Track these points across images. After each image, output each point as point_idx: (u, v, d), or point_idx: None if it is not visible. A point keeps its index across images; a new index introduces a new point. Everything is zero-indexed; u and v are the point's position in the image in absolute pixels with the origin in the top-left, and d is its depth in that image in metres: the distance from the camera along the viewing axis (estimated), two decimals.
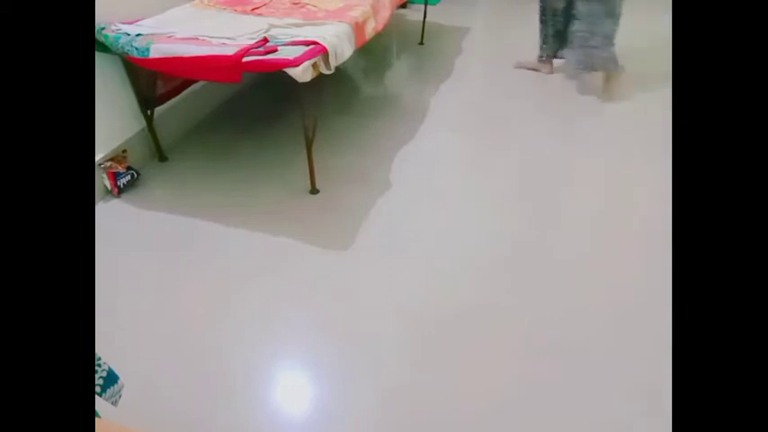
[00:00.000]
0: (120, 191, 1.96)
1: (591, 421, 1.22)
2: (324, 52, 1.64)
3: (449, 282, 1.59)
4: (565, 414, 1.24)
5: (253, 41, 1.68)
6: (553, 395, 1.27)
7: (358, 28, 1.91)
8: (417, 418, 1.24)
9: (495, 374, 1.33)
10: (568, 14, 2.47)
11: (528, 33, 3.32)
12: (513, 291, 1.55)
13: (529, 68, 2.85)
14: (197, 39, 1.70)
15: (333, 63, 1.69)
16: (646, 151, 2.12)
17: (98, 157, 1.91)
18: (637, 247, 1.69)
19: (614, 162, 2.08)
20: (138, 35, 1.71)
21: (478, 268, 1.63)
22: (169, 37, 1.71)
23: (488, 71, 2.85)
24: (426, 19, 3.39)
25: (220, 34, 1.75)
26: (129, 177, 1.97)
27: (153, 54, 1.64)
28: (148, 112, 2.03)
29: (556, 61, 2.77)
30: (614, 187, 1.96)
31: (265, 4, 2.11)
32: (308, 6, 2.06)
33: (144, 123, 2.06)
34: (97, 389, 0.88)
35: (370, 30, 2.02)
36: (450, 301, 1.52)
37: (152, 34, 1.71)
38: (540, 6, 2.61)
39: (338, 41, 1.72)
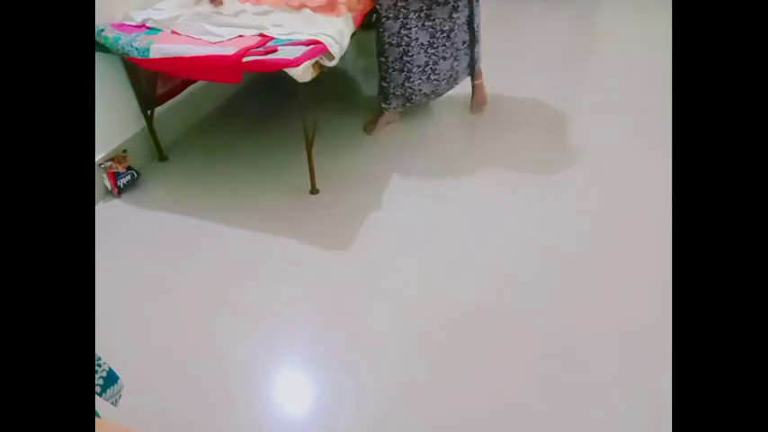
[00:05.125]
0: (120, 191, 1.96)
1: (593, 424, 1.22)
2: (325, 51, 1.64)
3: (450, 282, 1.59)
4: (568, 417, 1.24)
5: (252, 34, 1.69)
6: (555, 398, 1.27)
7: (356, 13, 1.90)
8: (418, 419, 1.24)
9: (497, 376, 1.33)
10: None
11: (528, 33, 3.32)
12: (514, 291, 1.55)
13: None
14: (194, 38, 1.70)
15: (337, 56, 1.70)
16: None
17: (98, 157, 1.91)
18: (640, 245, 1.69)
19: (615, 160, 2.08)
20: (138, 34, 1.71)
21: (479, 269, 1.63)
22: (173, 32, 1.72)
23: (488, 70, 2.84)
24: None
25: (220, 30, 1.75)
26: (129, 177, 1.96)
27: (153, 54, 1.64)
28: (148, 112, 2.03)
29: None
30: (617, 185, 1.96)
31: None
32: None
33: (144, 123, 2.06)
34: (97, 389, 0.88)
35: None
36: (451, 302, 1.52)
37: (153, 35, 1.71)
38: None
39: (340, 37, 1.72)
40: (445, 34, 2.06)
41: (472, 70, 2.28)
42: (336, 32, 1.71)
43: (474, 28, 2.15)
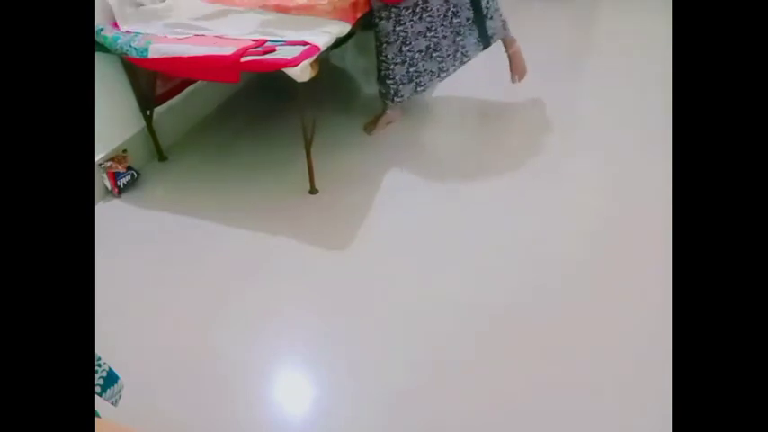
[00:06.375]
0: (120, 191, 1.96)
1: (594, 425, 1.22)
2: (318, 51, 1.63)
3: (450, 282, 1.59)
4: (569, 418, 1.24)
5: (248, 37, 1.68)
6: (555, 398, 1.27)
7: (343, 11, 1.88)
8: (419, 419, 1.24)
9: (498, 376, 1.33)
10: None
11: (528, 33, 3.32)
12: (515, 291, 1.55)
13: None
14: (193, 37, 1.70)
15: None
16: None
17: (98, 157, 1.91)
18: (641, 244, 1.69)
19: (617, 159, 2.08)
20: (137, 34, 1.71)
21: (480, 269, 1.63)
22: (166, 36, 1.71)
23: (488, 69, 2.84)
24: None
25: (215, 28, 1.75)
26: (129, 177, 1.97)
27: (151, 54, 1.64)
28: (148, 112, 2.03)
29: None
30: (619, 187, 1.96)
31: None
32: None
33: (144, 123, 2.06)
34: (97, 389, 0.88)
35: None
36: (451, 302, 1.52)
37: (150, 34, 1.71)
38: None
39: (329, 38, 1.71)
40: (442, 16, 2.06)
41: (485, 44, 2.25)
42: (326, 35, 1.70)
43: (480, 4, 2.11)
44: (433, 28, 2.06)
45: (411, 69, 2.10)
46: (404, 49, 2.04)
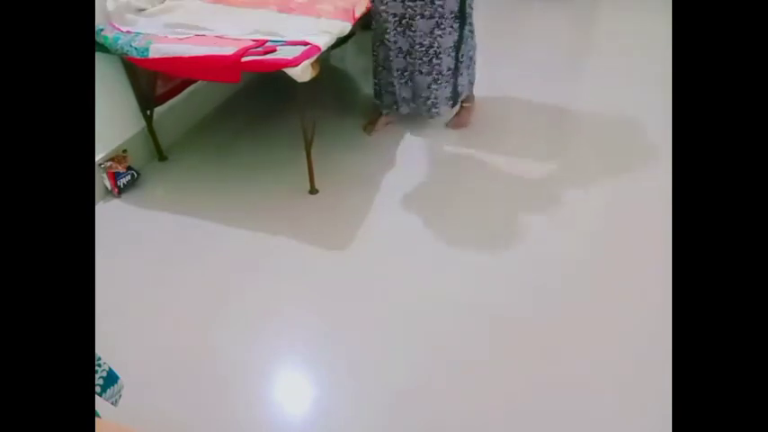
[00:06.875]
0: (120, 191, 1.96)
1: (594, 426, 1.22)
2: (318, 51, 1.63)
3: (451, 283, 1.59)
4: (569, 419, 1.24)
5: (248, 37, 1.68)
6: (555, 399, 1.27)
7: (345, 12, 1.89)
8: (418, 419, 1.24)
9: (498, 376, 1.33)
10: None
11: (528, 33, 3.32)
12: (515, 292, 1.55)
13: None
14: (193, 37, 1.70)
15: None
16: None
17: (98, 157, 1.91)
18: (641, 246, 1.69)
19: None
20: (137, 34, 1.71)
21: (480, 270, 1.63)
22: (166, 36, 1.71)
23: (487, 69, 2.85)
24: None
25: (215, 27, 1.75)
26: (129, 177, 1.97)
27: (152, 54, 1.64)
28: (148, 112, 2.03)
29: None
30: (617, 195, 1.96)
31: None
32: None
33: (144, 123, 2.06)
34: (97, 389, 0.88)
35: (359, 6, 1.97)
36: (451, 303, 1.52)
37: (150, 34, 1.71)
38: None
39: (330, 38, 1.71)
40: (424, 49, 2.01)
41: (455, 102, 2.20)
42: (327, 35, 1.70)
43: (459, 56, 2.08)
44: (413, 55, 2.02)
45: (391, 81, 2.12)
46: (390, 56, 2.06)
